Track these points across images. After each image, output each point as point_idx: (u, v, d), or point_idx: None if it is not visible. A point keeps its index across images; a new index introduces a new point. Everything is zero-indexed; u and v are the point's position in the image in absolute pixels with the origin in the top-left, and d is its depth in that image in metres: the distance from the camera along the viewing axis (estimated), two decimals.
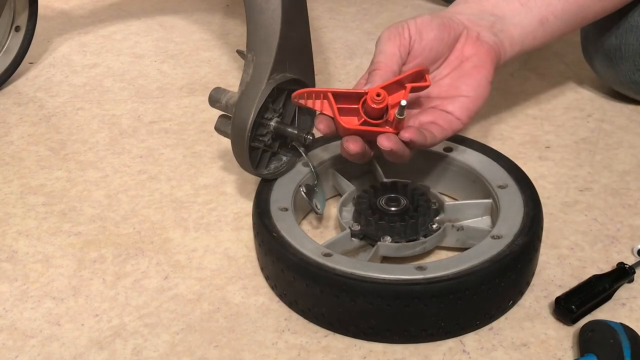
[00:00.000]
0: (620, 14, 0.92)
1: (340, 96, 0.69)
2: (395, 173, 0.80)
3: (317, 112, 0.70)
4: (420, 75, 0.70)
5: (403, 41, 0.73)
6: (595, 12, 0.85)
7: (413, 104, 0.75)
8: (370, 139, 0.70)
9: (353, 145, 0.68)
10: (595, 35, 0.97)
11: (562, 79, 1.11)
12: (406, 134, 0.68)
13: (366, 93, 0.68)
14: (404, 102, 0.66)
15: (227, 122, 0.79)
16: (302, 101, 0.70)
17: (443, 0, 1.39)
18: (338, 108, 0.69)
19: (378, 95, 0.66)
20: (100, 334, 0.70)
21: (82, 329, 0.70)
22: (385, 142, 0.67)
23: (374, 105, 0.67)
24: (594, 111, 1.02)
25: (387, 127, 0.69)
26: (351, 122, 0.69)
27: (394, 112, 0.68)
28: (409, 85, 0.69)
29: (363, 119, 0.68)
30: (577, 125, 1.00)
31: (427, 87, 0.71)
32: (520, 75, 1.12)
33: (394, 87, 0.69)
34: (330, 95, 0.69)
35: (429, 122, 0.73)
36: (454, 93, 0.75)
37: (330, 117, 0.69)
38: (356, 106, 0.69)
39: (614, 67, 0.97)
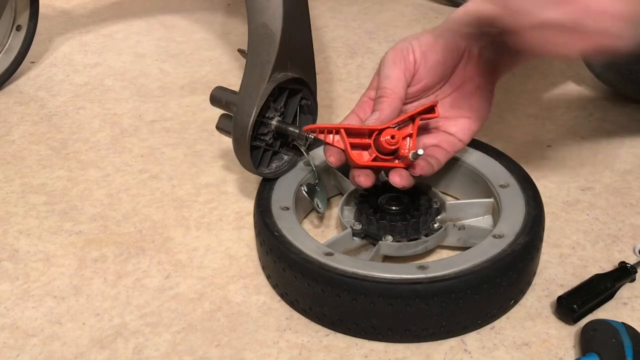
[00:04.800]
0: None
1: (351, 132, 0.71)
2: None
3: (325, 144, 0.72)
4: (430, 108, 0.71)
5: (408, 65, 0.73)
6: None
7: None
8: (379, 170, 0.73)
9: (364, 179, 0.71)
10: None
11: (564, 79, 1.11)
12: (417, 171, 0.71)
13: (377, 131, 0.70)
14: (420, 152, 0.68)
15: (229, 121, 0.79)
16: (314, 134, 0.73)
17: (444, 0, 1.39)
18: (350, 143, 0.70)
19: (392, 137, 0.69)
20: (101, 333, 0.70)
21: (83, 328, 0.70)
22: (398, 179, 0.70)
23: (389, 147, 0.69)
24: (596, 110, 1.02)
25: (397, 161, 0.71)
26: (362, 157, 0.71)
27: (404, 144, 0.70)
28: (417, 120, 0.71)
29: (375, 155, 0.71)
30: (578, 124, 1.00)
31: (435, 118, 0.72)
32: (522, 74, 1.12)
33: (404, 120, 0.71)
34: (342, 131, 0.70)
35: (433, 146, 0.75)
36: (456, 114, 0.76)
37: (340, 149, 0.71)
38: (367, 141, 0.71)
39: (611, 67, 0.97)
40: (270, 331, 0.69)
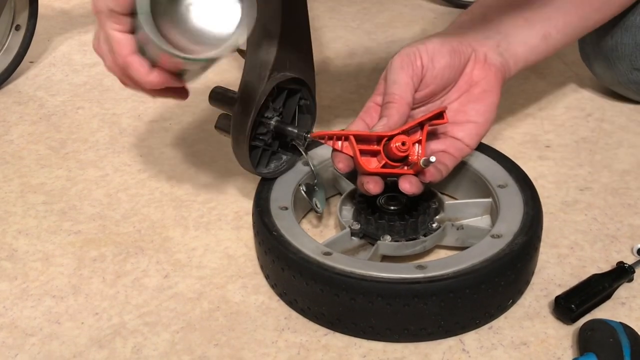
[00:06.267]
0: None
1: (360, 138, 0.70)
2: None
3: (333, 150, 0.72)
4: (439, 114, 0.71)
5: (416, 70, 0.73)
6: (595, 21, 0.85)
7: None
8: (387, 176, 0.72)
9: (373, 186, 0.70)
10: (592, 36, 0.97)
11: (562, 79, 1.11)
12: (427, 178, 0.70)
13: (386, 137, 0.69)
14: (433, 159, 0.67)
15: (228, 121, 0.79)
16: (322, 141, 0.72)
17: (443, 0, 1.39)
18: (359, 150, 0.70)
19: (403, 144, 0.69)
20: (100, 332, 0.70)
21: (82, 328, 0.70)
22: (407, 186, 0.70)
23: (399, 153, 0.69)
24: (594, 111, 1.03)
25: (406, 168, 0.71)
26: (371, 163, 0.71)
27: (412, 151, 0.70)
28: (426, 126, 0.71)
29: (384, 162, 0.70)
30: (577, 124, 1.00)
31: (444, 124, 0.72)
32: (520, 74, 1.11)
33: (413, 127, 0.71)
34: (352, 138, 0.70)
35: (441, 151, 0.74)
36: (463, 119, 0.76)
37: (349, 155, 0.71)
38: (375, 148, 0.70)
39: (611, 67, 0.98)
40: (269, 331, 0.69)
